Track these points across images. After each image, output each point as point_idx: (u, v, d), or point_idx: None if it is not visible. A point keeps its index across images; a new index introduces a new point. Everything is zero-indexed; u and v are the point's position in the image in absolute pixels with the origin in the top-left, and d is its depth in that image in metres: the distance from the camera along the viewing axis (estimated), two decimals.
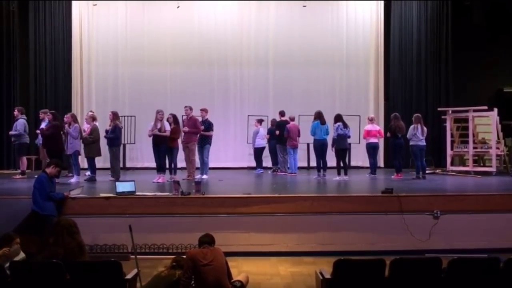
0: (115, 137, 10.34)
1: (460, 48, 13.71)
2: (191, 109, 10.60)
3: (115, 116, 10.46)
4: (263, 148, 12.44)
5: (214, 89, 14.14)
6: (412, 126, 10.77)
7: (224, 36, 14.09)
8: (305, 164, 13.02)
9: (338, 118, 10.63)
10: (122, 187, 7.73)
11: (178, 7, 13.44)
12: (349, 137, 10.68)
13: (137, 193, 7.75)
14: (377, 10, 14.40)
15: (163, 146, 10.07)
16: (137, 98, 13.57)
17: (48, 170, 7.22)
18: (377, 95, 14.39)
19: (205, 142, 10.80)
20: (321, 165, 10.85)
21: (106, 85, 14.00)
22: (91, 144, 10.16)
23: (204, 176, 10.53)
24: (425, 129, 10.78)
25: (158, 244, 7.17)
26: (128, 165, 13.23)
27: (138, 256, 5.32)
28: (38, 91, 13.47)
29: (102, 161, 13.60)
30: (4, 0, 12.86)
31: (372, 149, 11.50)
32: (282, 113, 12.22)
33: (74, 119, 10.24)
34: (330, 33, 14.30)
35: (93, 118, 10.60)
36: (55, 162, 7.54)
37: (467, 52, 13.68)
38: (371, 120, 11.69)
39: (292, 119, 11.99)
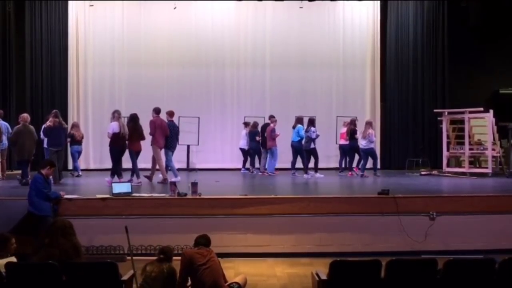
0: (46, 137, 9.82)
1: (456, 50, 13.74)
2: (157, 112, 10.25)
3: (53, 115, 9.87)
4: (243, 149, 12.95)
5: (211, 91, 14.14)
6: (363, 130, 11.61)
7: (221, 37, 14.07)
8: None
9: (308, 122, 11.58)
10: (119, 188, 7.72)
11: (175, 8, 13.43)
12: (312, 139, 11.39)
13: (133, 194, 7.74)
14: (373, 11, 14.43)
15: (112, 149, 9.71)
16: (133, 99, 13.51)
17: (44, 171, 7.21)
18: (373, 96, 14.42)
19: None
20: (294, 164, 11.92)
21: (103, 86, 13.95)
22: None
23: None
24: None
25: (155, 245, 7.12)
26: (125, 166, 13.15)
27: (134, 257, 5.30)
28: (34, 92, 13.38)
29: (99, 162, 13.66)
30: (0, 0, 12.81)
31: (341, 150, 12.45)
32: (269, 117, 12.72)
33: None
34: (327, 35, 14.32)
35: None
36: (50, 162, 7.55)
37: (463, 54, 13.71)
38: (345, 125, 12.53)
39: (272, 122, 12.42)
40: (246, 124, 13.02)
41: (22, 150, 9.50)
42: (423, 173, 12.23)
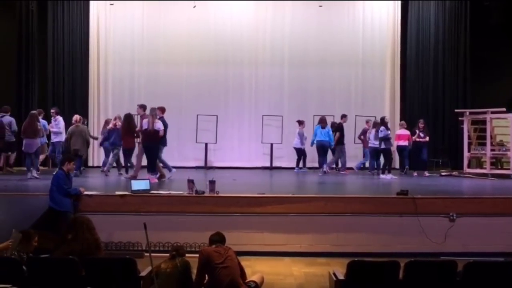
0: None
1: (478, 49, 13.51)
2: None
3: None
4: (298, 148, 12.74)
5: (229, 89, 14.18)
6: (368, 130, 12.01)
7: (240, 36, 14.10)
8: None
9: (380, 121, 11.64)
10: (137, 185, 7.79)
11: (194, 7, 13.49)
12: (387, 139, 11.39)
13: (151, 192, 7.81)
14: (394, 10, 14.28)
15: (156, 146, 9.98)
16: (153, 97, 13.53)
17: (64, 167, 7.32)
18: (393, 95, 14.28)
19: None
20: (323, 163, 12.04)
21: (123, 84, 14.13)
22: None
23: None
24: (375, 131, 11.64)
25: (172, 242, 7.14)
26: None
27: (152, 254, 5.35)
28: (55, 90, 13.64)
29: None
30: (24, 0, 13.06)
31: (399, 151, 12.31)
32: (341, 116, 12.76)
33: None
34: (346, 33, 14.22)
35: None
36: (68, 157, 7.69)
37: (485, 53, 13.48)
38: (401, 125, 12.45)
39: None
40: (300, 122, 12.85)
41: (70, 147, 10.62)
42: (443, 173, 12.09)
